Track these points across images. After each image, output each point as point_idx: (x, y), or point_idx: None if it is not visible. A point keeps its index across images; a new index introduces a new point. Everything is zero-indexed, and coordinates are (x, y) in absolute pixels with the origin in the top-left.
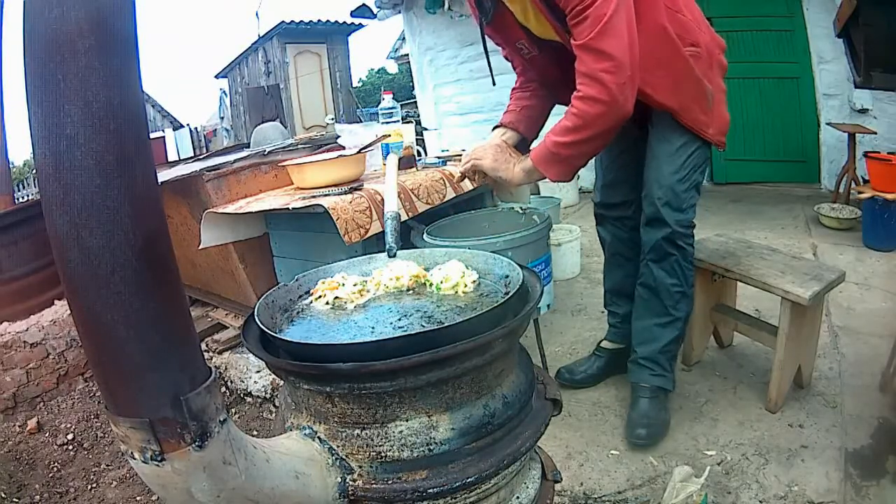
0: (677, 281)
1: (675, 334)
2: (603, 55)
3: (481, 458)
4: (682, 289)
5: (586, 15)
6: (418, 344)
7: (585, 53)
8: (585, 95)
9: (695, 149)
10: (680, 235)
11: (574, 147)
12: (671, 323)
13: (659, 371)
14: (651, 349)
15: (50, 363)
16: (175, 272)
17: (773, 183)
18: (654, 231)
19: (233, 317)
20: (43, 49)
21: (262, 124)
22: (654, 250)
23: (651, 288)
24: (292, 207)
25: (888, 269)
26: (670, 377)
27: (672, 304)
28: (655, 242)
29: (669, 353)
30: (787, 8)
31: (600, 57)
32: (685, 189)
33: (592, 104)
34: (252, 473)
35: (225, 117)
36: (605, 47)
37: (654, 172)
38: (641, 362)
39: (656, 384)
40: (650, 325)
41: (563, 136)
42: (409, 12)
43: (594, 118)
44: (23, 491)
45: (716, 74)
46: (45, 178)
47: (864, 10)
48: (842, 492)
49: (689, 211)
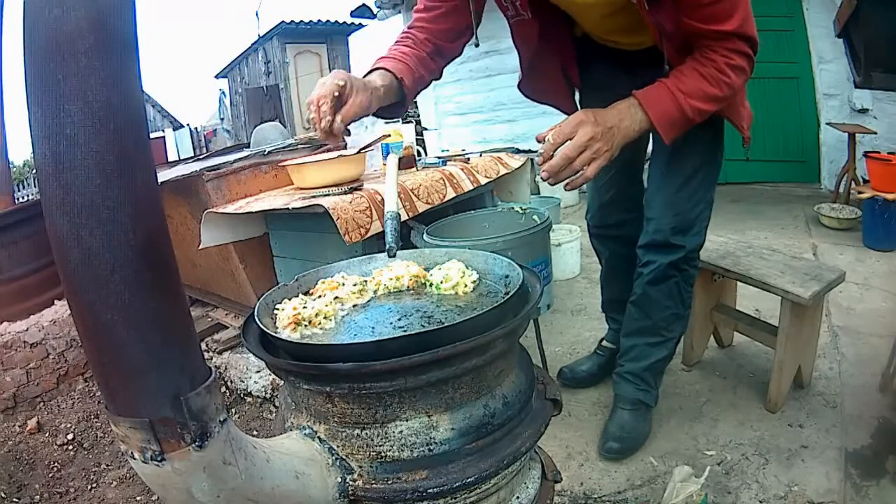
0: (673, 303)
1: (664, 353)
2: (749, 39)
3: (481, 458)
4: (678, 311)
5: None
6: (418, 344)
7: (732, 36)
8: (740, 66)
9: (706, 164)
10: (687, 260)
11: (708, 115)
12: (662, 343)
13: (643, 387)
14: (638, 366)
15: (50, 363)
16: (175, 272)
17: (773, 183)
18: (658, 255)
19: (233, 317)
20: (43, 49)
21: (262, 124)
22: (654, 272)
23: (643, 309)
24: (292, 207)
25: (888, 269)
26: (654, 393)
27: (665, 326)
28: (657, 266)
29: (656, 369)
30: (787, 8)
31: (748, 40)
32: (699, 211)
33: (743, 76)
34: (252, 473)
35: (225, 118)
36: (750, 31)
37: (662, 196)
38: (627, 377)
39: (639, 398)
40: (640, 344)
41: (709, 105)
42: (409, 12)
43: (739, 90)
44: (23, 491)
45: None
46: (45, 178)
47: (864, 11)
48: (842, 492)
49: (701, 234)
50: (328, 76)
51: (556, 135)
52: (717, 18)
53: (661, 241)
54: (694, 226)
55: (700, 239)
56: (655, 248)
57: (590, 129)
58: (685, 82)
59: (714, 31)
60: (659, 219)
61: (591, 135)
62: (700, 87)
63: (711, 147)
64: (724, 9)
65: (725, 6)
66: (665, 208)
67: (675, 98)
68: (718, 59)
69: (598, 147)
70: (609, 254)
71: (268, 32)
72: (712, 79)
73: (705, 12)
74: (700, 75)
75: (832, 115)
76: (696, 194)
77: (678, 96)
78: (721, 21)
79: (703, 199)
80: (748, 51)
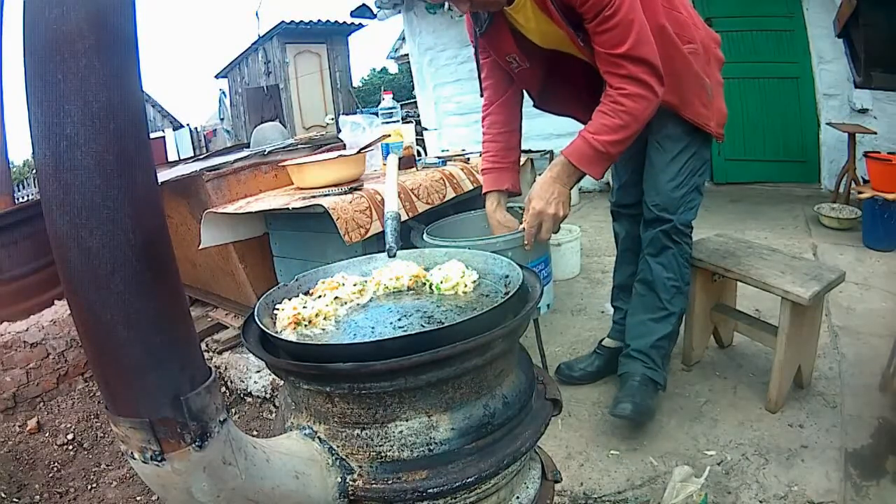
0: (673, 275)
1: (668, 329)
2: (641, 61)
3: (481, 458)
4: (678, 284)
5: (616, 23)
6: (418, 344)
7: (624, 60)
8: (632, 93)
9: (692, 154)
10: (677, 231)
11: (624, 143)
12: (665, 318)
13: (650, 364)
14: (644, 343)
15: (50, 363)
16: (175, 272)
17: (773, 183)
18: (651, 231)
19: (233, 317)
20: (43, 49)
21: (262, 124)
22: (652, 244)
23: (648, 283)
24: (292, 207)
25: (888, 269)
26: (661, 373)
27: (668, 299)
28: (654, 236)
29: (662, 349)
30: (787, 8)
31: (639, 62)
32: (683, 195)
33: (639, 100)
34: (252, 473)
35: (224, 118)
36: (643, 54)
37: (651, 181)
38: (633, 354)
39: (647, 374)
40: (644, 320)
41: (614, 135)
42: (409, 12)
43: (642, 112)
44: (23, 491)
45: (713, 69)
46: (45, 178)
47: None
48: (842, 492)
49: (687, 213)
50: None
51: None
52: (612, 42)
53: (650, 218)
54: (679, 206)
55: (688, 216)
56: (648, 224)
57: (533, 210)
58: (592, 123)
59: (609, 53)
60: (648, 199)
61: (537, 212)
62: (602, 122)
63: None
64: (617, 33)
65: (619, 31)
66: (652, 190)
67: (587, 140)
68: (613, 92)
69: (545, 217)
70: (624, 234)
71: (268, 32)
72: (611, 111)
73: (603, 37)
74: (602, 112)
75: (832, 115)
76: (681, 179)
77: (588, 138)
78: (615, 45)
79: (687, 184)
80: (643, 76)
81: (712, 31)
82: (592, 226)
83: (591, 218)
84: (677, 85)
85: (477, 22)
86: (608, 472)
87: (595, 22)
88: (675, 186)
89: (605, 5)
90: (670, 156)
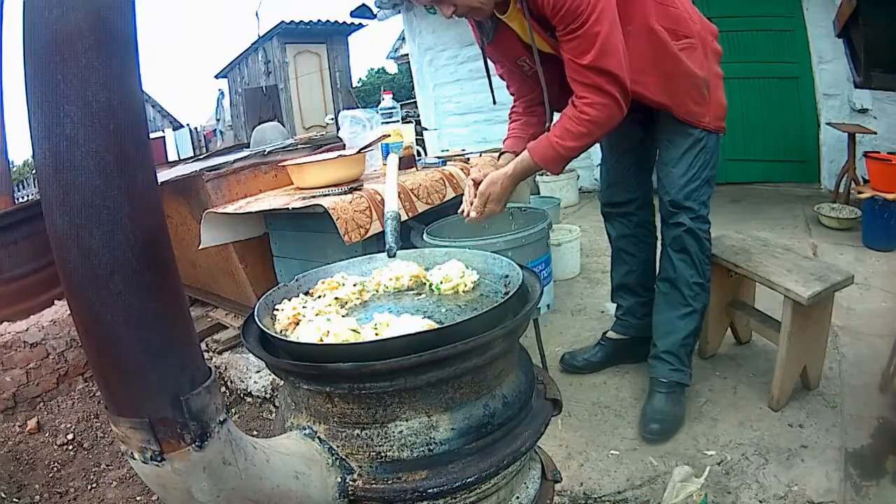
0: (695, 272)
1: (693, 326)
2: (605, 72)
3: (481, 458)
4: (700, 280)
5: (580, 34)
6: (418, 344)
7: (589, 70)
8: (595, 102)
9: (701, 147)
10: (696, 228)
11: (585, 147)
12: (690, 314)
13: (678, 365)
14: (671, 341)
15: (50, 363)
16: (175, 272)
17: (773, 183)
18: (672, 229)
19: (233, 317)
20: (43, 49)
21: (262, 124)
22: (675, 241)
23: (671, 281)
24: (292, 207)
25: (888, 269)
26: (687, 372)
27: (691, 295)
28: (675, 236)
29: (688, 346)
30: (787, 8)
31: (603, 73)
32: (696, 188)
33: (602, 109)
34: (252, 473)
35: (222, 119)
36: (606, 65)
37: (665, 177)
38: (663, 356)
39: (675, 379)
40: (671, 318)
41: (576, 141)
42: (409, 12)
43: (605, 121)
44: (23, 491)
45: (711, 61)
46: (45, 178)
47: (864, 10)
48: (842, 492)
49: (702, 207)
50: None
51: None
52: (577, 52)
53: (668, 216)
54: (695, 201)
55: (703, 212)
56: (666, 224)
57: (483, 188)
58: (557, 127)
59: (576, 62)
60: (663, 197)
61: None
62: (566, 127)
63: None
64: (581, 43)
65: (583, 41)
66: (668, 186)
67: (550, 142)
68: (578, 101)
69: (489, 197)
70: (616, 234)
71: (268, 32)
72: (575, 119)
73: (570, 45)
74: (567, 117)
75: (832, 115)
76: (693, 172)
77: (552, 140)
78: (579, 55)
79: (699, 177)
80: (606, 87)
81: (709, 23)
82: (592, 226)
83: (591, 218)
84: (668, 86)
85: (482, 31)
86: (608, 472)
87: (563, 32)
88: (689, 180)
89: (573, 18)
90: (680, 150)
